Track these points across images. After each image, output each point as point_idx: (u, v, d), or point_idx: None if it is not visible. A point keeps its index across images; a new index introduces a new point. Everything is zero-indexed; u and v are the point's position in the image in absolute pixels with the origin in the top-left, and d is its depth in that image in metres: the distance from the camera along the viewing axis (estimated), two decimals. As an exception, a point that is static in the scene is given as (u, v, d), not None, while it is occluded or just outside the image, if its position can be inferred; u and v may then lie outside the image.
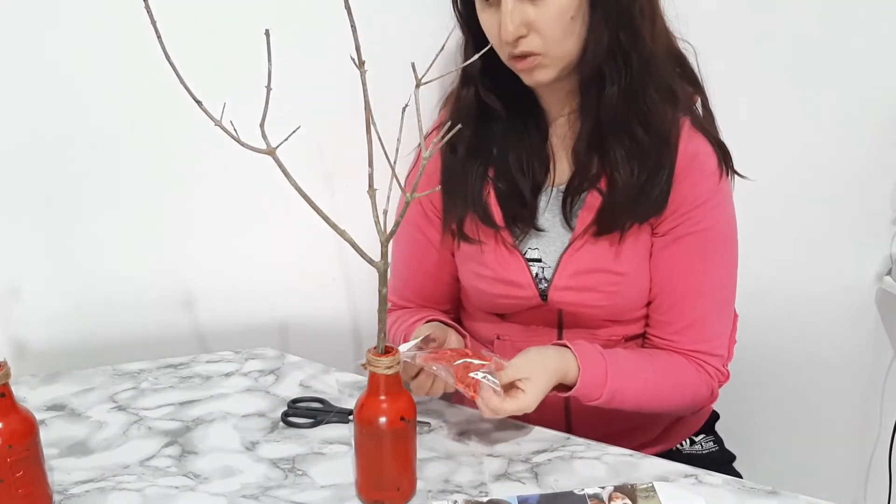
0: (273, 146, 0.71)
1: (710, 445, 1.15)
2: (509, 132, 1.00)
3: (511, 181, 1.00)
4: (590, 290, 1.00)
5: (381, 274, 0.73)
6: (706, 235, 0.97)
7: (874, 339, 1.48)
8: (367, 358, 0.76)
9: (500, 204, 1.01)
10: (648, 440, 1.12)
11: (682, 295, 0.99)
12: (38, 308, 1.09)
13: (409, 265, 1.13)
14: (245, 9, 1.03)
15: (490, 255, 1.03)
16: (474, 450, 0.90)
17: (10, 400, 0.73)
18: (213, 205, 1.14)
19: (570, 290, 1.00)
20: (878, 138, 1.33)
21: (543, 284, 1.02)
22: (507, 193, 1.01)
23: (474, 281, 1.05)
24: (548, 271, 1.02)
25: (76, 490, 0.82)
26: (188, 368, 1.07)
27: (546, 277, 1.02)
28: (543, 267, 1.02)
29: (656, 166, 0.93)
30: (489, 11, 0.90)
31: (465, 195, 1.01)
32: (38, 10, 0.96)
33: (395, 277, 1.15)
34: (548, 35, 0.88)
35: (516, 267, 1.02)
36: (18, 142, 1.02)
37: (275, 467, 0.86)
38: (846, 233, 1.40)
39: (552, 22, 0.87)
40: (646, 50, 0.90)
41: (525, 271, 1.01)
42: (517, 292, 1.02)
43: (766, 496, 0.83)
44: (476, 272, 1.04)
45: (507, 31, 0.87)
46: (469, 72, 0.97)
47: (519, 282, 1.02)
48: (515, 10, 0.87)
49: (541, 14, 0.87)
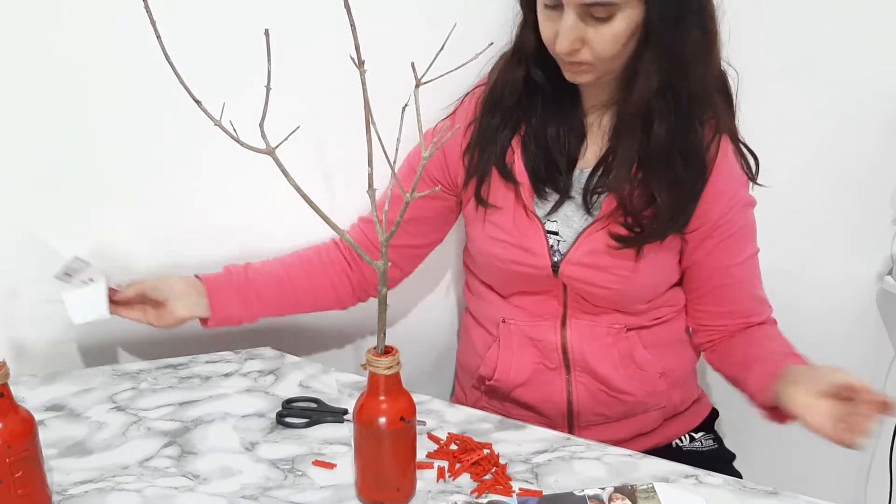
0: (273, 146, 0.71)
1: (709, 443, 1.16)
2: (549, 107, 1.01)
3: (545, 150, 1.02)
4: (603, 270, 1.01)
5: (380, 274, 0.73)
6: (743, 232, 1.04)
7: (875, 338, 1.48)
8: (367, 358, 0.76)
9: (530, 167, 1.02)
10: (648, 430, 1.13)
11: (726, 286, 1.06)
12: (37, 308, 1.09)
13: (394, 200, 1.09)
14: (245, 9, 1.03)
15: (508, 219, 1.04)
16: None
17: (9, 400, 0.73)
18: (212, 204, 1.14)
19: (582, 267, 1.02)
20: (878, 139, 1.33)
21: (557, 257, 1.03)
22: (540, 159, 1.02)
23: (488, 245, 1.06)
24: (563, 245, 1.03)
25: (75, 490, 0.82)
26: (187, 369, 1.07)
27: (560, 251, 1.03)
28: (560, 240, 1.04)
29: (690, 195, 0.98)
30: (549, 16, 0.92)
31: (492, 154, 1.03)
32: (39, 10, 0.96)
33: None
34: (598, 53, 0.91)
35: (534, 234, 1.03)
36: (18, 142, 1.02)
37: (274, 468, 0.86)
38: (847, 233, 1.40)
39: (606, 44, 0.90)
40: (694, 87, 0.93)
41: (542, 239, 1.03)
42: (530, 259, 1.03)
43: (767, 497, 0.83)
44: (492, 235, 1.05)
45: (563, 45, 0.90)
46: (523, 47, 0.99)
47: (534, 249, 1.03)
48: (575, 29, 0.89)
49: (597, 35, 0.89)
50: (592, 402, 1.09)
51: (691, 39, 0.91)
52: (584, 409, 1.10)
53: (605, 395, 1.08)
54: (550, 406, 1.10)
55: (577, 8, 0.88)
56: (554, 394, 1.09)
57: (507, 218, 1.04)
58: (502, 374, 1.11)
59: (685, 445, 1.15)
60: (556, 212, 1.03)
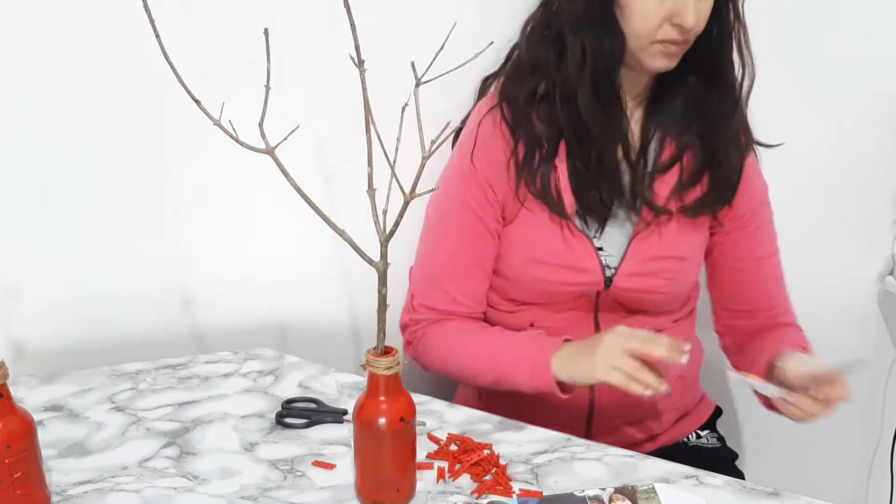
0: (272, 145, 0.71)
1: (714, 441, 1.17)
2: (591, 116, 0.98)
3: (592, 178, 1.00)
4: (655, 275, 1.03)
5: (380, 274, 0.73)
6: (771, 226, 1.10)
7: (876, 339, 1.48)
8: (367, 359, 0.75)
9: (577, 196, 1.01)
10: (660, 431, 1.14)
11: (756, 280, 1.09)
12: (37, 308, 1.09)
13: (466, 260, 1.07)
14: (244, 8, 1.03)
15: (555, 242, 1.02)
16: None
17: (8, 400, 0.73)
18: (211, 205, 1.14)
19: (637, 276, 1.03)
20: (879, 139, 1.33)
21: (609, 272, 1.03)
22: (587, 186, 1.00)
23: (528, 268, 1.04)
24: (612, 260, 1.03)
25: (74, 491, 0.82)
26: (187, 369, 1.07)
27: (610, 265, 1.03)
28: (607, 255, 1.04)
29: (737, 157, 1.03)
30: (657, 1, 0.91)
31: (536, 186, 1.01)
32: (38, 9, 0.96)
33: (441, 277, 1.08)
34: (701, 26, 0.92)
35: (584, 253, 1.02)
36: (18, 142, 1.02)
37: (274, 468, 0.86)
38: (848, 233, 1.40)
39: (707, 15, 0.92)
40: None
41: (594, 257, 1.03)
42: (582, 278, 1.03)
43: (768, 497, 0.82)
44: (533, 258, 1.03)
45: (700, 18, 0.91)
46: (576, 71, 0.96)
47: (586, 267, 1.02)
48: (703, 3, 0.91)
49: (705, 8, 0.92)
50: (613, 405, 1.08)
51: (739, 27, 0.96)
52: (604, 412, 1.09)
53: (626, 397, 1.06)
54: (571, 408, 1.08)
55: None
56: (576, 396, 1.06)
57: (555, 240, 1.02)
58: None
59: (691, 441, 1.16)
60: (600, 228, 1.03)
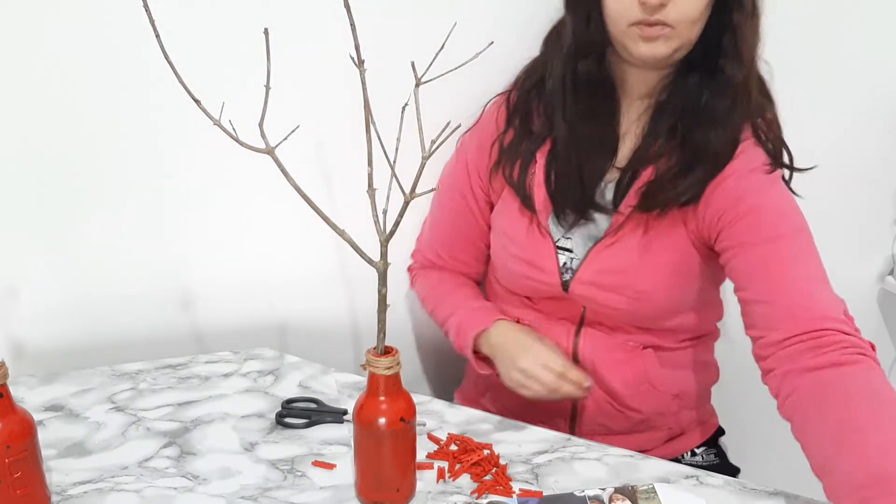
0: (272, 145, 0.71)
1: (710, 458, 1.14)
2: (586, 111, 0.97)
3: (568, 175, 0.99)
4: (611, 290, 0.99)
5: (380, 274, 0.73)
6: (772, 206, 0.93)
7: (876, 339, 1.47)
8: (367, 358, 0.75)
9: (551, 193, 1.01)
10: (651, 447, 1.11)
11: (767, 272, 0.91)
12: (36, 308, 1.09)
13: (448, 227, 1.16)
14: (244, 8, 1.03)
15: (522, 235, 1.03)
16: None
17: (8, 400, 0.73)
18: (211, 204, 1.13)
19: (592, 286, 1.01)
20: (879, 139, 1.33)
21: (568, 275, 1.02)
22: (563, 185, 1.00)
23: (504, 258, 1.07)
24: (575, 262, 1.02)
25: (74, 491, 0.82)
26: (187, 369, 1.07)
27: (573, 268, 1.02)
28: (573, 258, 1.02)
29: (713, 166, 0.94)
30: None
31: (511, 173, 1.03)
32: (37, 9, 0.96)
33: (432, 234, 1.18)
34: (683, 11, 0.87)
35: (545, 252, 1.02)
36: (17, 142, 1.02)
37: (274, 468, 0.86)
38: (848, 233, 1.40)
39: (689, 4, 0.86)
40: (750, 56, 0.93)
41: (552, 258, 1.02)
42: (540, 276, 1.03)
43: (768, 497, 0.82)
44: (506, 248, 1.06)
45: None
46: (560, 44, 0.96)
47: (544, 267, 1.03)
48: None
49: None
50: (597, 412, 1.07)
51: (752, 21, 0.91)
52: (588, 417, 1.08)
53: (611, 407, 1.06)
54: (555, 409, 1.09)
55: None
56: (556, 409, 1.08)
57: (520, 233, 1.04)
58: None
59: (685, 459, 1.14)
60: (573, 229, 1.02)
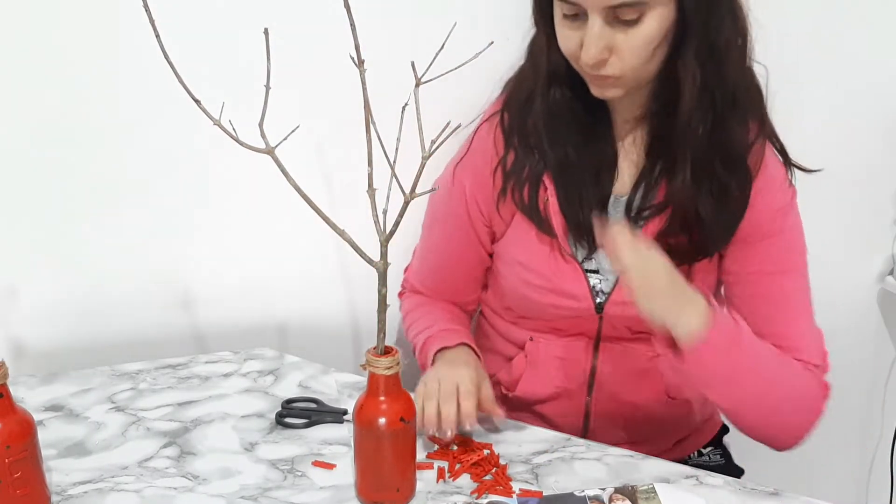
0: (272, 145, 0.71)
1: (717, 458, 1.14)
2: (578, 135, 0.93)
3: (576, 188, 0.94)
4: None
5: (380, 274, 0.73)
6: (790, 235, 0.94)
7: (876, 339, 1.48)
8: (367, 358, 0.75)
9: (564, 213, 0.95)
10: (662, 450, 1.09)
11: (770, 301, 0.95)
12: (37, 308, 1.09)
13: (440, 258, 1.10)
14: (244, 8, 1.03)
15: (544, 264, 0.97)
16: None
17: (8, 400, 0.73)
18: (211, 204, 1.13)
19: (629, 305, 0.89)
20: (879, 139, 1.33)
21: (601, 298, 0.98)
22: (572, 202, 0.95)
23: (522, 288, 1.00)
24: (606, 284, 0.97)
25: (74, 491, 0.82)
26: (187, 369, 1.06)
27: (604, 290, 0.98)
28: (602, 279, 0.98)
29: (737, 203, 0.90)
30: (570, 26, 0.84)
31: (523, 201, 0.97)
32: (38, 10, 0.96)
33: (422, 265, 1.13)
34: (628, 61, 0.83)
35: (573, 277, 0.97)
36: (18, 142, 1.02)
37: (274, 468, 0.86)
38: (848, 233, 1.40)
39: (637, 50, 0.82)
40: (731, 82, 0.86)
41: (583, 282, 0.97)
42: (571, 304, 0.97)
43: (768, 497, 0.82)
44: (524, 279, 0.99)
45: (590, 54, 0.82)
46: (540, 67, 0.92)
47: (575, 293, 0.97)
48: (602, 35, 0.81)
49: (626, 41, 0.82)
50: (610, 423, 1.05)
51: (726, 28, 0.83)
52: (601, 427, 1.06)
53: (624, 418, 1.04)
54: (566, 421, 1.06)
55: (602, 12, 0.80)
56: (571, 410, 1.06)
57: (542, 262, 0.98)
58: (524, 389, 1.06)
59: (692, 459, 1.14)
60: (595, 251, 0.97)
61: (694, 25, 0.82)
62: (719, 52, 0.84)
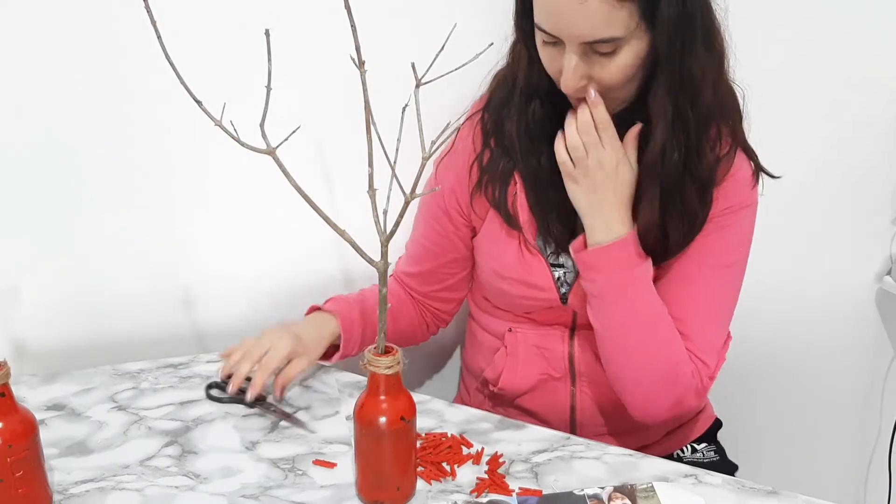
0: (273, 146, 0.71)
1: (711, 455, 1.15)
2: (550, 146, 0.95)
3: (546, 196, 0.98)
4: None
5: (381, 274, 0.73)
6: (733, 230, 0.97)
7: (874, 339, 1.48)
8: (367, 358, 0.76)
9: (534, 212, 0.99)
10: (651, 441, 1.12)
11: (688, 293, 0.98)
12: (38, 308, 1.09)
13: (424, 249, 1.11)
14: (245, 9, 1.03)
15: (512, 256, 1.02)
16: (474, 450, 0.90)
17: (9, 400, 0.73)
18: (212, 205, 1.14)
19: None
20: (878, 139, 1.33)
21: (565, 288, 1.02)
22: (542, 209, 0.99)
23: (494, 280, 1.05)
24: (570, 276, 1.02)
25: (76, 490, 0.82)
26: (188, 368, 1.07)
27: (568, 282, 1.02)
28: (566, 271, 1.02)
29: (700, 220, 0.94)
30: (550, 50, 0.88)
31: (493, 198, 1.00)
32: (39, 10, 0.96)
33: (408, 257, 1.14)
34: (607, 85, 0.87)
35: (538, 269, 1.01)
36: (18, 142, 1.02)
37: (275, 467, 0.86)
38: (846, 233, 1.40)
39: (614, 77, 0.86)
40: (702, 110, 0.88)
41: (547, 275, 1.01)
42: (538, 294, 1.02)
43: (766, 496, 0.83)
44: (496, 271, 1.04)
45: (569, 85, 0.86)
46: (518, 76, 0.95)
47: (541, 285, 1.02)
48: (578, 68, 0.85)
49: (603, 70, 0.86)
50: (596, 413, 1.08)
51: (699, 60, 0.86)
52: (588, 420, 1.09)
53: (610, 407, 1.06)
54: (553, 415, 1.09)
55: (578, 47, 0.84)
56: (557, 402, 1.08)
57: (510, 255, 1.02)
58: (507, 381, 1.09)
59: (686, 456, 1.15)
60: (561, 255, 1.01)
61: (668, 58, 0.85)
62: (693, 81, 0.87)
